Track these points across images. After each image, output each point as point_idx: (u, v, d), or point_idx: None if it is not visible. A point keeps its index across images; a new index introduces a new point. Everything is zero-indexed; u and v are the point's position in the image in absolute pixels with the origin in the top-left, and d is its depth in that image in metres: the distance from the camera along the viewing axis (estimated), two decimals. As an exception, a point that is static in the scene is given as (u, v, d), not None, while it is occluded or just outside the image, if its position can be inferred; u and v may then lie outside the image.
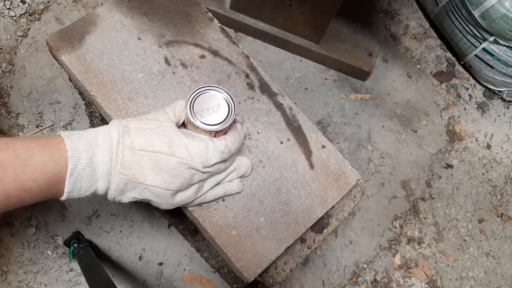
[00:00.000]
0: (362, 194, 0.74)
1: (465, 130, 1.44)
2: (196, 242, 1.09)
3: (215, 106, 0.56)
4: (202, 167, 0.53)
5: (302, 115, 0.74)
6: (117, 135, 0.50)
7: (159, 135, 0.52)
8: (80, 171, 0.47)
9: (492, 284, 1.28)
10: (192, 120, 0.54)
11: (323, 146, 0.72)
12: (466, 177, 1.38)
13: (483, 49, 1.37)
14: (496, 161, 1.42)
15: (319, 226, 0.70)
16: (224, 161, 0.57)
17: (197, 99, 0.56)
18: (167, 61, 0.72)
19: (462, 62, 1.51)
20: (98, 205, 1.13)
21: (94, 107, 0.72)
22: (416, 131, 1.40)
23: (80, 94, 0.93)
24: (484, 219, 1.34)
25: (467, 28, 1.37)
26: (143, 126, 0.52)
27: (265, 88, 0.75)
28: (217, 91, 0.58)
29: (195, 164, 0.52)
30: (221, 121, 0.56)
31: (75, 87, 0.82)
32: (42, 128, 1.16)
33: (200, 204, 0.62)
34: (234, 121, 0.58)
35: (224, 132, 0.57)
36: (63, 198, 0.49)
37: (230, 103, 0.57)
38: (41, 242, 1.08)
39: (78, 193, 0.49)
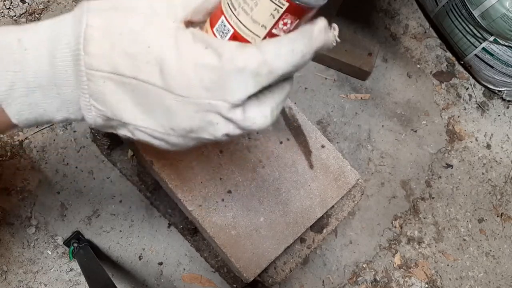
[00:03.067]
0: (362, 194, 0.74)
1: (465, 130, 1.44)
2: (196, 242, 1.09)
3: None
4: (227, 108, 0.30)
5: (302, 115, 0.74)
6: (74, 44, 0.31)
7: (144, 45, 0.30)
8: (22, 96, 0.32)
9: (492, 283, 1.28)
10: None
11: (323, 146, 0.72)
12: (466, 177, 1.38)
13: (483, 48, 1.37)
14: (496, 161, 1.42)
15: (318, 225, 0.70)
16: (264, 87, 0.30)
17: None
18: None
19: (462, 62, 1.50)
20: (98, 204, 1.13)
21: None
22: (416, 131, 1.40)
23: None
24: (484, 218, 1.34)
25: (467, 28, 1.37)
26: (118, 26, 0.31)
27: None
28: None
29: (207, 102, 0.30)
30: None
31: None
32: (42, 127, 1.16)
33: None
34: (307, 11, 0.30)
35: (291, 26, 0.30)
36: (15, 122, 0.34)
37: None
38: (41, 241, 1.08)
39: (35, 120, 0.34)
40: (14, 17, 1.27)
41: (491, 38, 1.32)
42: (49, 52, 0.31)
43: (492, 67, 1.40)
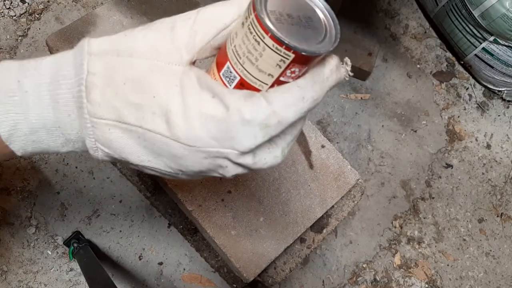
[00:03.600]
0: (362, 194, 0.74)
1: (465, 130, 1.44)
2: (196, 242, 1.09)
3: (302, 17, 0.30)
4: (236, 155, 0.30)
5: (302, 115, 0.74)
6: (77, 92, 0.30)
7: (149, 95, 0.29)
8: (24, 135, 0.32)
9: (492, 283, 1.28)
10: (262, 17, 0.27)
11: (323, 146, 0.72)
12: (466, 177, 1.38)
13: (483, 48, 1.37)
14: (496, 161, 1.42)
15: (318, 225, 0.70)
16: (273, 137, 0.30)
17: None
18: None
19: (462, 62, 1.50)
20: (98, 205, 1.13)
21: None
22: (416, 131, 1.40)
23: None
24: (484, 218, 1.34)
25: (467, 28, 1.37)
26: (121, 74, 0.30)
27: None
28: None
29: (215, 150, 0.30)
30: (320, 39, 0.29)
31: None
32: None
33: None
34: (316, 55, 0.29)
35: (300, 72, 0.30)
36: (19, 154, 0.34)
37: (328, 17, 0.31)
38: (41, 241, 1.08)
39: (40, 152, 0.34)
40: (14, 17, 1.27)
41: (491, 38, 1.32)
42: (51, 96, 0.31)
43: (492, 67, 1.40)
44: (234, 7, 0.30)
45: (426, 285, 1.24)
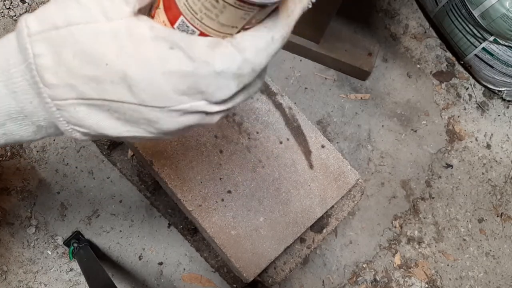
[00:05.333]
0: (362, 194, 0.74)
1: (465, 130, 1.44)
2: (196, 242, 1.09)
3: None
4: (210, 106, 0.28)
5: (302, 114, 0.74)
6: (30, 77, 0.28)
7: (101, 64, 0.27)
8: None
9: (492, 283, 1.28)
10: None
11: (323, 146, 0.72)
12: (466, 177, 1.38)
13: (483, 48, 1.37)
14: (496, 161, 1.42)
15: (318, 225, 0.70)
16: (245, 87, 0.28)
17: None
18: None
19: (462, 62, 1.50)
20: (98, 205, 1.13)
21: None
22: (416, 131, 1.40)
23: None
24: (484, 218, 1.34)
25: (467, 28, 1.37)
26: (66, 47, 0.27)
27: (264, 88, 0.75)
28: None
29: (188, 105, 0.27)
30: None
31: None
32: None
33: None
34: None
35: (265, 15, 0.27)
36: None
37: None
38: (41, 241, 1.08)
39: (14, 143, 0.32)
40: (14, 17, 1.27)
41: (491, 38, 1.32)
42: (7, 87, 0.29)
43: (492, 67, 1.40)
44: None
45: (426, 285, 1.24)
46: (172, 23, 0.27)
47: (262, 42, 0.27)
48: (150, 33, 0.26)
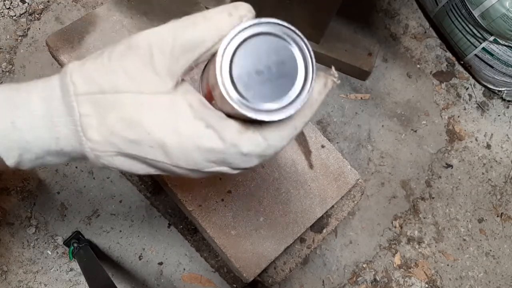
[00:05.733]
0: (362, 194, 0.74)
1: (465, 130, 1.44)
2: (196, 242, 1.10)
3: (273, 65, 0.28)
4: (233, 170, 0.32)
5: (302, 115, 0.74)
6: (74, 131, 0.31)
7: (143, 132, 0.30)
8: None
9: (491, 283, 1.28)
10: (229, 99, 0.27)
11: (323, 146, 0.72)
12: (466, 177, 1.38)
13: (483, 48, 1.37)
14: (496, 161, 1.42)
15: (318, 225, 0.70)
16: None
17: (240, 48, 0.27)
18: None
19: (462, 62, 1.50)
20: (98, 205, 1.13)
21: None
22: (416, 131, 1.40)
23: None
24: (484, 218, 1.34)
25: (467, 28, 1.37)
26: (111, 113, 0.30)
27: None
28: (281, 32, 0.28)
29: (215, 170, 0.32)
30: (289, 101, 0.28)
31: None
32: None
33: None
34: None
35: None
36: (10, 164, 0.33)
37: (307, 56, 0.29)
38: (41, 241, 1.08)
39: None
40: (14, 17, 1.27)
41: (491, 38, 1.32)
42: (50, 132, 0.31)
43: (492, 67, 1.40)
44: (214, 29, 0.29)
45: (426, 285, 1.24)
46: (209, 101, 0.31)
47: (286, 131, 0.30)
48: (189, 111, 0.30)
